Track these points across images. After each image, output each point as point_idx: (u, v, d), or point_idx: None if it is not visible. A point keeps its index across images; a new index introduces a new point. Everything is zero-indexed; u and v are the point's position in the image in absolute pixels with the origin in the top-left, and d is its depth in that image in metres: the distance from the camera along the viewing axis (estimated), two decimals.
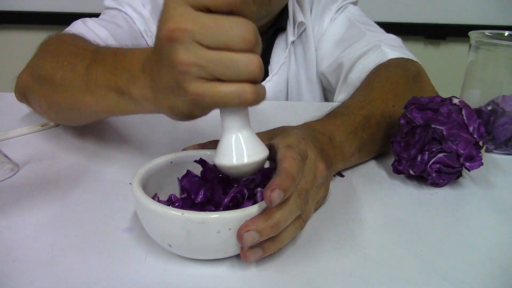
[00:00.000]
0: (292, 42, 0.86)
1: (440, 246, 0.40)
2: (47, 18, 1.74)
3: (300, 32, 0.86)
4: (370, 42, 0.76)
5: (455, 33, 1.74)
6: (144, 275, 0.36)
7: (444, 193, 0.50)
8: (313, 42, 0.87)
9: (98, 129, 0.64)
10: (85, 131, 0.63)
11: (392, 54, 0.71)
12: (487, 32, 0.63)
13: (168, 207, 0.35)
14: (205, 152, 0.43)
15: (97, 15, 0.81)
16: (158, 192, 0.40)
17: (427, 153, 0.49)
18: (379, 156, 0.57)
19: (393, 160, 0.52)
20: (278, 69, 0.85)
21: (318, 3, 0.87)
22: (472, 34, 0.62)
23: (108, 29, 0.75)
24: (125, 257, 0.38)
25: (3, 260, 0.37)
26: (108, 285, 0.35)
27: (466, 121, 0.48)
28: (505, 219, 0.45)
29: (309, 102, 0.88)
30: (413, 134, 0.50)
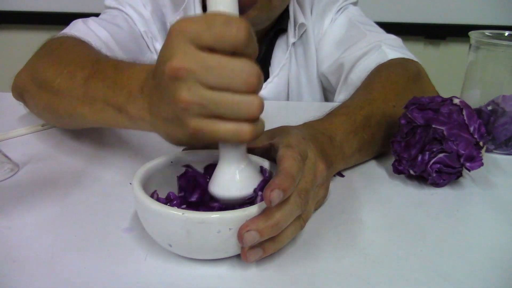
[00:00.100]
0: (293, 44, 0.86)
1: (440, 246, 0.40)
2: (47, 18, 1.73)
3: (301, 33, 0.86)
4: (371, 43, 0.76)
5: (455, 33, 1.74)
6: (144, 275, 0.36)
7: (444, 193, 0.50)
8: (314, 43, 0.87)
9: (98, 129, 0.64)
10: (85, 132, 0.63)
11: (393, 54, 0.71)
12: (487, 32, 0.63)
13: (168, 207, 0.35)
14: (205, 152, 0.43)
15: (97, 15, 0.81)
16: (159, 192, 0.40)
17: (428, 153, 0.49)
18: (379, 156, 0.57)
19: (393, 160, 0.52)
20: (279, 71, 0.85)
21: (319, 4, 0.87)
22: (472, 34, 0.62)
23: (108, 30, 0.75)
24: (125, 257, 0.38)
25: (3, 260, 0.37)
26: (108, 285, 0.35)
27: (467, 121, 0.48)
28: (505, 219, 0.45)
29: (309, 102, 0.88)
30: (414, 134, 0.50)
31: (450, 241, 0.41)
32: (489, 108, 0.61)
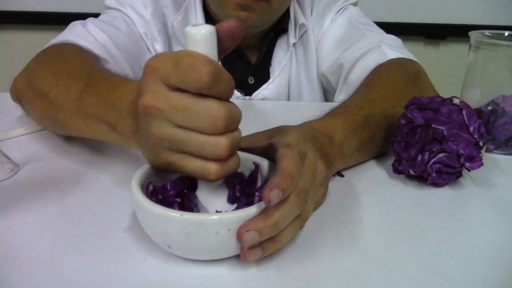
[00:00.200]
0: (293, 44, 0.86)
1: (440, 246, 0.40)
2: (47, 18, 1.73)
3: (301, 34, 0.86)
4: (371, 43, 0.76)
5: (455, 33, 1.75)
6: (144, 275, 0.36)
7: (444, 193, 0.50)
8: (314, 43, 0.87)
9: None
10: None
11: (392, 54, 0.71)
12: (487, 32, 0.63)
13: (167, 209, 0.34)
14: None
15: (97, 15, 0.81)
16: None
17: (427, 153, 0.49)
18: (379, 156, 0.57)
19: (393, 160, 0.52)
20: (280, 71, 0.86)
21: (319, 4, 0.87)
22: (472, 34, 0.62)
23: (107, 33, 0.74)
24: (125, 257, 0.38)
25: (3, 260, 0.37)
26: (108, 285, 0.35)
27: (467, 121, 0.48)
28: (505, 219, 0.45)
29: (309, 102, 0.88)
30: (413, 134, 0.50)
31: (450, 241, 0.41)
32: (489, 108, 0.61)
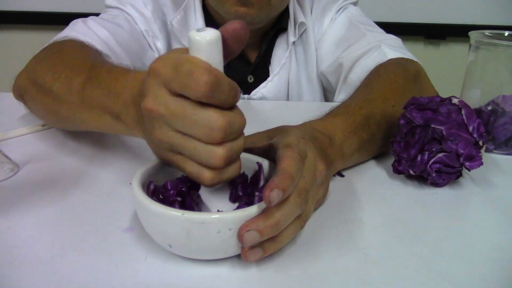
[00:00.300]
0: (293, 43, 0.86)
1: (440, 246, 0.40)
2: (47, 18, 1.73)
3: (301, 33, 0.86)
4: (370, 42, 0.76)
5: (455, 33, 1.75)
6: (144, 275, 0.36)
7: (444, 193, 0.50)
8: (314, 43, 0.87)
9: None
10: (85, 132, 0.63)
11: (392, 54, 0.71)
12: (487, 32, 0.63)
13: (168, 208, 0.34)
14: None
15: (97, 15, 0.81)
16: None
17: (427, 153, 0.49)
18: (379, 156, 0.57)
19: (393, 160, 0.52)
20: (279, 70, 0.86)
21: (319, 3, 0.87)
22: (472, 34, 0.62)
23: (109, 30, 0.75)
24: (125, 257, 0.38)
25: (3, 260, 0.37)
26: (108, 285, 0.35)
27: (466, 121, 0.48)
28: (505, 219, 0.45)
29: (309, 102, 0.88)
30: (413, 134, 0.50)
31: (450, 241, 0.41)
32: (489, 108, 0.61)
